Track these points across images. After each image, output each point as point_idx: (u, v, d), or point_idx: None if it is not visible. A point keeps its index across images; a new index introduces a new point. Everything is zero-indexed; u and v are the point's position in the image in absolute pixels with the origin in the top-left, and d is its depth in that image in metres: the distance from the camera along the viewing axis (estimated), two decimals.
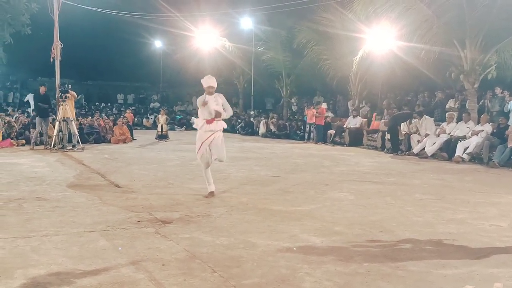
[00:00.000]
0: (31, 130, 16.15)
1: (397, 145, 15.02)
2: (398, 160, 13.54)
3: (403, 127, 15.22)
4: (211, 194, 7.71)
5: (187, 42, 27.37)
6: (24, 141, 15.94)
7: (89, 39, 33.13)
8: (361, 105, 20.09)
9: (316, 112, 18.52)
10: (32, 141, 15.05)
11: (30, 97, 27.87)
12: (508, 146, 11.96)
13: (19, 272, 4.24)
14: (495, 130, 13.05)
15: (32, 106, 25.92)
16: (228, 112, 7.77)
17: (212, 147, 7.58)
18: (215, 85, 7.58)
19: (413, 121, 15.07)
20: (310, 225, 6.02)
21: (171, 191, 8.26)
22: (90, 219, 6.14)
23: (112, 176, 9.79)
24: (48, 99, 15.37)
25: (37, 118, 15.35)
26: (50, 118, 15.42)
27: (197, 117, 7.97)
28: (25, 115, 19.86)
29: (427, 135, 14.35)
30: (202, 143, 7.58)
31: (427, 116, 14.96)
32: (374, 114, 18.48)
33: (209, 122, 7.55)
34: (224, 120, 7.85)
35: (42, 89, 15.47)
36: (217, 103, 7.56)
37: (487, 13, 13.76)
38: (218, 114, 7.53)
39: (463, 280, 4.23)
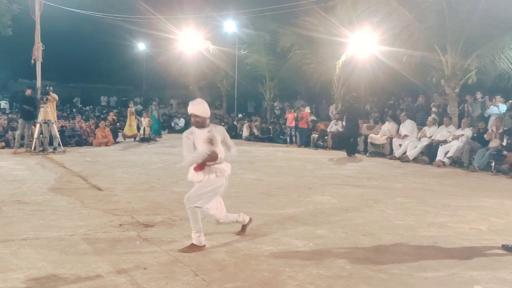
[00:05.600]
0: (9, 132, 15.95)
1: (354, 147, 15.76)
2: (380, 163, 13.63)
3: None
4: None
5: (170, 45, 27.28)
6: (3, 144, 15.68)
7: (71, 41, 32.93)
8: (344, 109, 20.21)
9: (299, 116, 18.59)
10: (15, 144, 14.81)
11: None
12: (489, 147, 12.19)
13: None
14: (475, 135, 13.23)
15: None
16: (231, 153, 5.30)
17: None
18: (202, 114, 5.12)
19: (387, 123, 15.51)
20: (293, 229, 6.03)
21: (153, 194, 8.20)
22: (71, 223, 6.08)
23: (93, 179, 9.69)
24: (33, 102, 15.19)
25: (20, 120, 15.16)
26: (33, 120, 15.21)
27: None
28: (5, 117, 19.58)
29: (405, 136, 14.55)
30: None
31: (410, 120, 15.16)
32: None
33: (197, 169, 5.12)
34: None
35: (28, 92, 15.38)
36: (209, 140, 5.08)
37: (467, 19, 13.96)
38: (211, 157, 5.04)
39: (443, 282, 4.28)
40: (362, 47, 17.35)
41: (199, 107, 5.14)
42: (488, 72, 14.98)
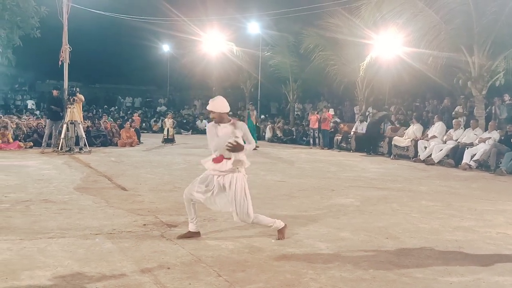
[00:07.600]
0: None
1: (375, 146, 16.66)
2: (404, 166, 13.49)
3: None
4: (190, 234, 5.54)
5: (194, 47, 27.49)
6: (32, 143, 16.03)
7: (97, 43, 33.38)
8: (367, 112, 20.08)
9: (322, 117, 18.52)
10: (43, 144, 15.10)
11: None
12: None
13: (25, 274, 4.26)
14: (502, 137, 12.98)
15: None
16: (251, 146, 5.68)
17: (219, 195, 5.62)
18: (217, 110, 5.42)
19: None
20: (316, 231, 6.01)
21: (177, 194, 8.25)
22: (96, 222, 6.17)
23: (118, 179, 9.82)
24: (60, 102, 15.53)
25: (48, 120, 15.52)
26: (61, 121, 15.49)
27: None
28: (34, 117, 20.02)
29: (433, 137, 14.40)
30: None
31: (442, 122, 15.06)
32: None
33: (216, 160, 5.55)
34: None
35: (55, 93, 15.74)
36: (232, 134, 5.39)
37: (495, 20, 13.73)
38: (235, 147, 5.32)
39: (469, 287, 4.22)
40: (387, 49, 17.23)
41: (213, 103, 5.44)
42: None
